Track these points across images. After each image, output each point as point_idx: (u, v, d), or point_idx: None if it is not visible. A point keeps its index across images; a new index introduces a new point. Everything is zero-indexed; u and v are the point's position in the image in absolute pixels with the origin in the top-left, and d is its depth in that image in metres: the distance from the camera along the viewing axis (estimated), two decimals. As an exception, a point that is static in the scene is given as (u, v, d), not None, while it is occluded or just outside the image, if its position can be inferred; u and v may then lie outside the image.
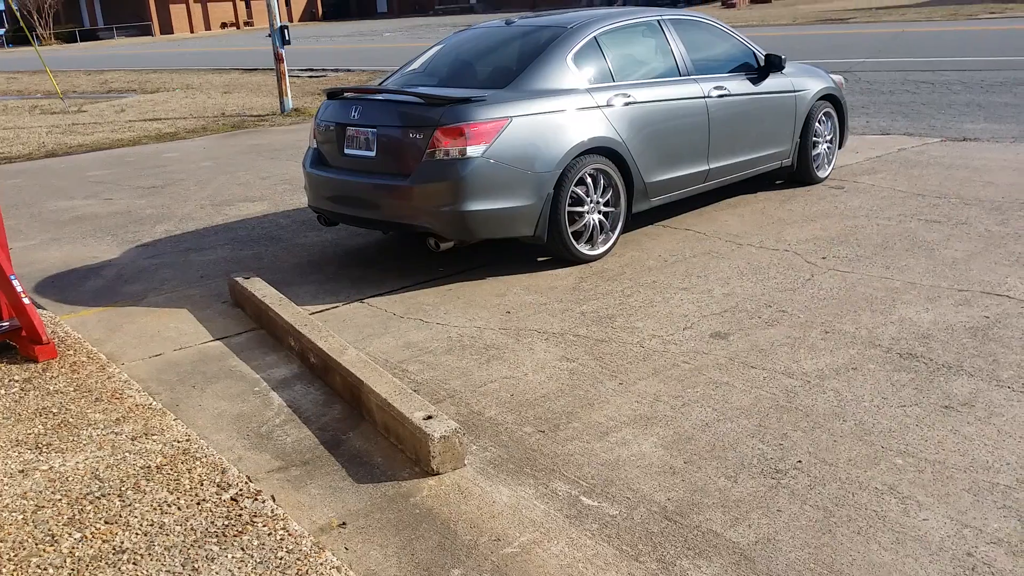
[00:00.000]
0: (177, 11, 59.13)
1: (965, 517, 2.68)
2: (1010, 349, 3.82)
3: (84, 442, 3.40)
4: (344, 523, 2.89)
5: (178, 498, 2.96)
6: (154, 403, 3.73)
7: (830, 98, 7.09)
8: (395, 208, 5.14)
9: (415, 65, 6.24)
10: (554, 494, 2.96)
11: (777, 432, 3.26)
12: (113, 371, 4.09)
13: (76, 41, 54.73)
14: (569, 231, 5.28)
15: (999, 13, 24.73)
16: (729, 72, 6.35)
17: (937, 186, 6.74)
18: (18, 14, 31.78)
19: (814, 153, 6.99)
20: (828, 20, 27.46)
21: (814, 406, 3.44)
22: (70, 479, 3.13)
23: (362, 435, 3.47)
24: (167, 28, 58.76)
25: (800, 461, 3.06)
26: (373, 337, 4.47)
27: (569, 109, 5.24)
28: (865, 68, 14.55)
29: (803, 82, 6.82)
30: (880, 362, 3.79)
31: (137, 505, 2.93)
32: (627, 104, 5.51)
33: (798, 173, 6.99)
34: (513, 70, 5.45)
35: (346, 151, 5.42)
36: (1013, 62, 14.00)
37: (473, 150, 4.89)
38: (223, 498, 2.95)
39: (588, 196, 5.34)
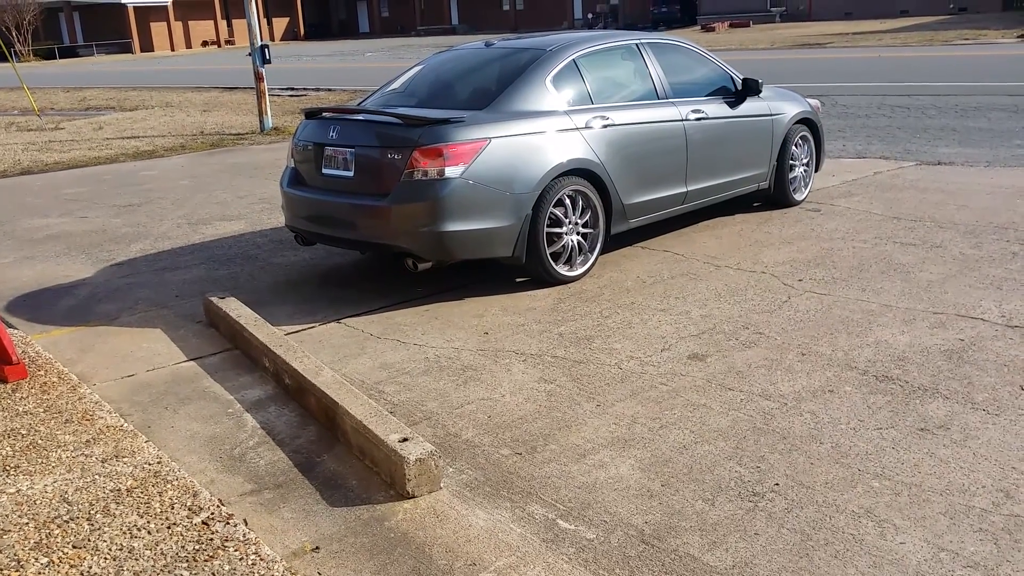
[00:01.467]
0: (158, 29, 58.99)
1: (942, 540, 2.68)
2: (984, 372, 3.85)
3: (53, 464, 3.34)
4: (317, 547, 2.85)
5: (148, 522, 2.91)
6: (125, 425, 3.67)
7: (807, 122, 7.16)
8: (373, 228, 5.12)
9: (395, 85, 6.24)
10: (531, 517, 2.93)
11: (754, 454, 3.26)
12: (84, 392, 4.02)
13: (55, 58, 54.42)
14: (548, 252, 5.27)
15: (973, 39, 25.17)
16: (707, 95, 6.40)
17: (912, 209, 6.81)
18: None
19: (791, 176, 7.05)
20: (806, 45, 27.83)
21: (791, 428, 3.44)
22: (38, 502, 3.06)
23: (337, 457, 3.43)
24: (148, 46, 58.58)
25: (777, 484, 3.05)
26: (349, 358, 4.43)
27: (548, 131, 5.26)
28: (842, 92, 14.74)
29: (780, 106, 6.88)
30: (856, 384, 3.80)
31: (106, 529, 2.87)
32: (605, 126, 5.53)
33: (775, 196, 7.04)
34: (492, 91, 5.47)
35: (324, 171, 5.40)
36: (987, 87, 14.23)
37: (452, 171, 4.89)
38: (194, 522, 2.90)
39: (567, 217, 5.35)
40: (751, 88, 6.57)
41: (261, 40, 13.84)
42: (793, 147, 7.00)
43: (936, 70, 17.59)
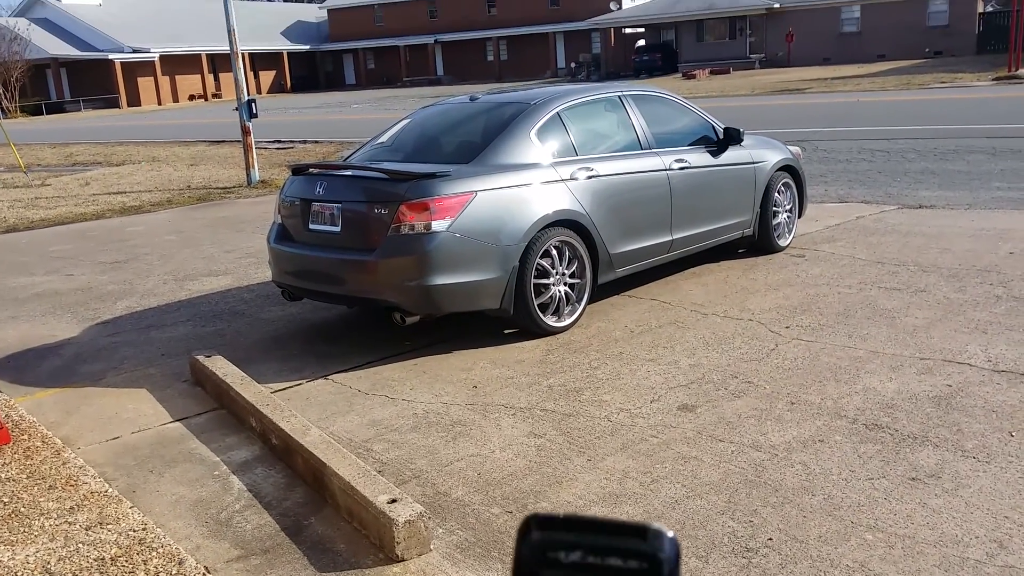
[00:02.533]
0: (145, 83, 59.44)
1: (937, 594, 2.66)
2: (973, 418, 3.85)
3: (36, 533, 3.28)
4: (305, 615, 2.79)
5: (132, 592, 2.85)
6: (110, 490, 3.61)
7: (788, 169, 7.24)
8: (360, 283, 5.12)
9: (381, 140, 6.29)
10: (522, 579, 2.89)
11: (747, 508, 3.23)
12: (68, 456, 3.97)
13: (42, 114, 54.68)
14: (535, 303, 5.28)
15: (949, 83, 25.64)
16: (689, 145, 6.48)
17: (896, 253, 6.87)
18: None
19: (774, 222, 7.11)
20: (786, 90, 28.28)
21: (783, 480, 3.43)
22: (19, 574, 3.00)
23: (324, 520, 3.39)
24: (135, 100, 58.99)
25: (771, 539, 3.03)
26: (337, 415, 4.40)
27: (533, 183, 5.30)
28: (822, 137, 14.94)
29: (762, 153, 6.97)
30: (846, 433, 3.80)
31: (88, 601, 2.82)
32: (590, 177, 5.58)
33: (759, 242, 7.09)
34: (478, 145, 5.52)
35: (311, 226, 5.41)
36: (964, 130, 14.46)
37: (438, 224, 4.91)
38: (179, 591, 2.84)
39: (554, 268, 5.37)
40: (732, 137, 6.65)
41: (248, 94, 13.95)
42: (776, 194, 7.07)
43: (914, 114, 17.89)
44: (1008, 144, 12.51)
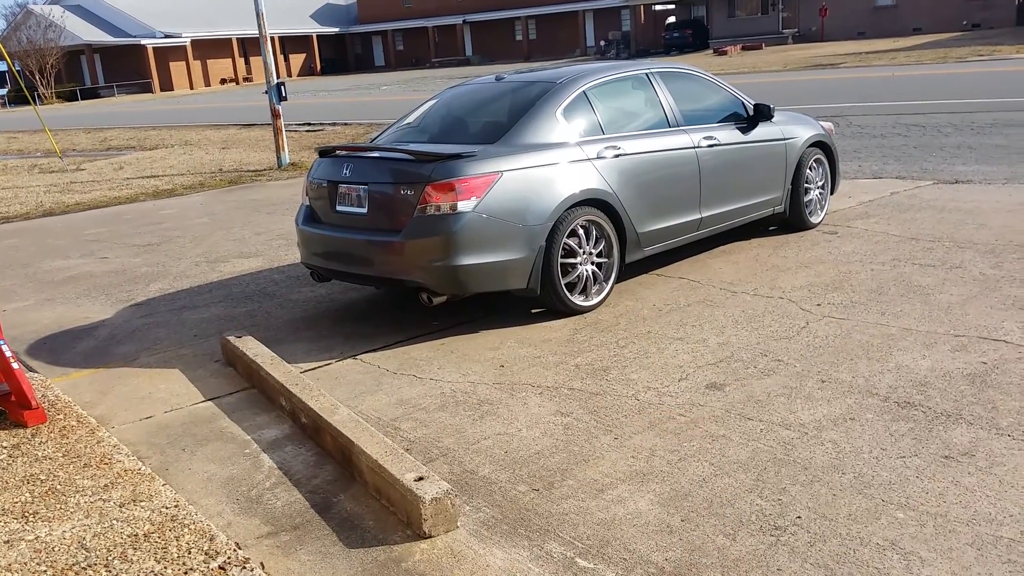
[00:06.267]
0: (177, 68, 59.95)
1: (969, 573, 2.62)
2: (1009, 396, 3.78)
3: (72, 510, 3.35)
4: (334, 591, 2.82)
5: (165, 567, 2.90)
6: (143, 468, 3.67)
7: (820, 145, 7.13)
8: (387, 264, 5.14)
9: (407, 121, 6.29)
10: (549, 556, 2.90)
11: (775, 487, 3.21)
12: (103, 435, 4.04)
13: (77, 99, 55.38)
14: (562, 283, 5.26)
15: (987, 56, 25.07)
16: (718, 122, 6.40)
17: (930, 230, 6.75)
18: (19, 76, 32.17)
19: (806, 199, 7.02)
20: (819, 65, 27.83)
21: (812, 459, 3.39)
22: (56, 549, 3.06)
23: (353, 497, 3.42)
24: (167, 85, 59.52)
25: (799, 517, 3.00)
26: (366, 395, 4.43)
27: (560, 162, 5.27)
28: (856, 112, 14.69)
29: (793, 130, 6.87)
30: (878, 411, 3.75)
31: (124, 575, 2.87)
32: (617, 156, 5.54)
33: (791, 219, 7.00)
34: (504, 125, 5.49)
35: (338, 208, 5.43)
36: (1003, 103, 14.14)
37: (464, 205, 4.90)
38: (211, 567, 2.88)
39: (580, 248, 5.34)
40: (763, 113, 6.56)
41: (277, 77, 14.01)
42: (807, 170, 6.97)
43: (951, 87, 17.52)
44: (1048, 117, 12.21)
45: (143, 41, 57.62)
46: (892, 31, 41.06)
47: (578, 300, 5.38)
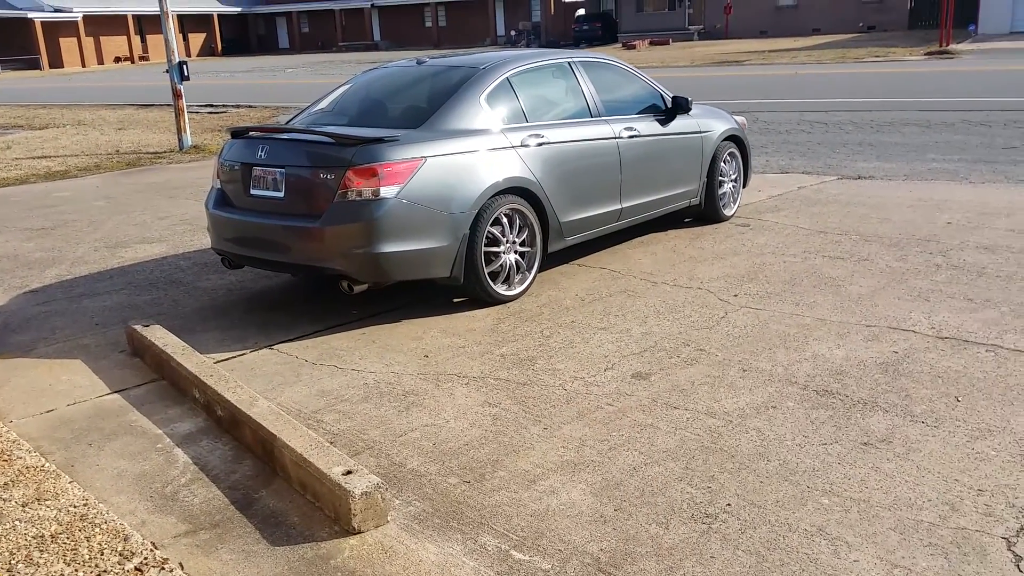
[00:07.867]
0: (68, 44, 57.03)
1: (894, 557, 2.70)
2: (920, 384, 3.92)
3: (-34, 511, 3.11)
4: (260, 591, 2.71)
5: (76, 570, 2.72)
6: (47, 464, 3.45)
7: (734, 138, 7.27)
8: (305, 250, 4.98)
9: (323, 104, 6.10)
10: (483, 549, 2.85)
11: (704, 474, 3.24)
12: (0, 430, 3.78)
13: (-44, 74, 52.10)
14: (486, 272, 5.21)
15: (883, 57, 26.17)
16: (638, 113, 6.44)
17: (838, 223, 6.97)
18: None
19: (720, 192, 7.15)
20: (725, 62, 28.51)
21: (738, 446, 3.44)
22: (-50, 554, 2.84)
23: (276, 493, 3.29)
24: (57, 62, 56.58)
25: (729, 504, 3.04)
26: (284, 386, 4.28)
27: (483, 149, 5.20)
28: (762, 109, 15.10)
29: (708, 123, 6.97)
30: (798, 400, 3.83)
31: (28, 581, 2.68)
32: (540, 144, 5.51)
33: (706, 211, 7.12)
34: (426, 110, 5.39)
35: (252, 191, 5.23)
36: (899, 103, 14.76)
37: (387, 191, 4.79)
38: (126, 568, 2.72)
39: (504, 236, 5.30)
40: (681, 106, 6.64)
41: (178, 56, 13.46)
42: (722, 163, 7.10)
43: (850, 86, 18.20)
44: (941, 117, 12.81)
45: (30, 14, 54.58)
46: (793, 31, 42.42)
47: (502, 289, 5.33)
